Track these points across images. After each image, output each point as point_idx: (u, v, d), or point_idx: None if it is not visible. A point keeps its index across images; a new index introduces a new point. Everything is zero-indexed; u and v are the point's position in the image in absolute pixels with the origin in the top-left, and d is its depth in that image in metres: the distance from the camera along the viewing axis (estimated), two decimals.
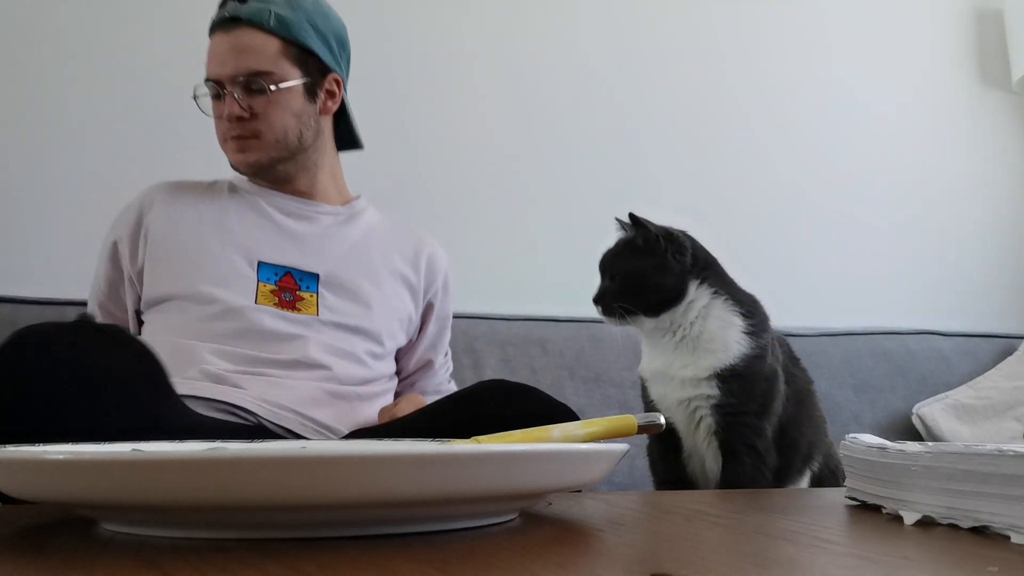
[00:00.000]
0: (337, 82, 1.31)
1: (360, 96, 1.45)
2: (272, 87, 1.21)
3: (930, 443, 0.54)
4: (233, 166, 1.29)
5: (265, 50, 1.21)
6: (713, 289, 1.01)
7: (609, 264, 1.04)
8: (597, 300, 1.03)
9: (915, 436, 1.79)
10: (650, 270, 1.00)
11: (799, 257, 2.10)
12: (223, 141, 1.27)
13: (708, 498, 0.70)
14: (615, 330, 1.05)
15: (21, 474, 0.43)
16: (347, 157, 1.43)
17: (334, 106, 1.32)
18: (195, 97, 1.27)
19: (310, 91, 1.27)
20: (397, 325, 1.30)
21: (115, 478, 0.40)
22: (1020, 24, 2.24)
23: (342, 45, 1.31)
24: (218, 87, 1.23)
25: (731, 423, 0.97)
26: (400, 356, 1.35)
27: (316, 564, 0.37)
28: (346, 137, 1.38)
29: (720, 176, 2.08)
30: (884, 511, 0.54)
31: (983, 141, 2.32)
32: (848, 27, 2.26)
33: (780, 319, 1.09)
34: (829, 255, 2.13)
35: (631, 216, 1.01)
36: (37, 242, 1.59)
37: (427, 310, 1.37)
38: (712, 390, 0.97)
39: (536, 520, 0.52)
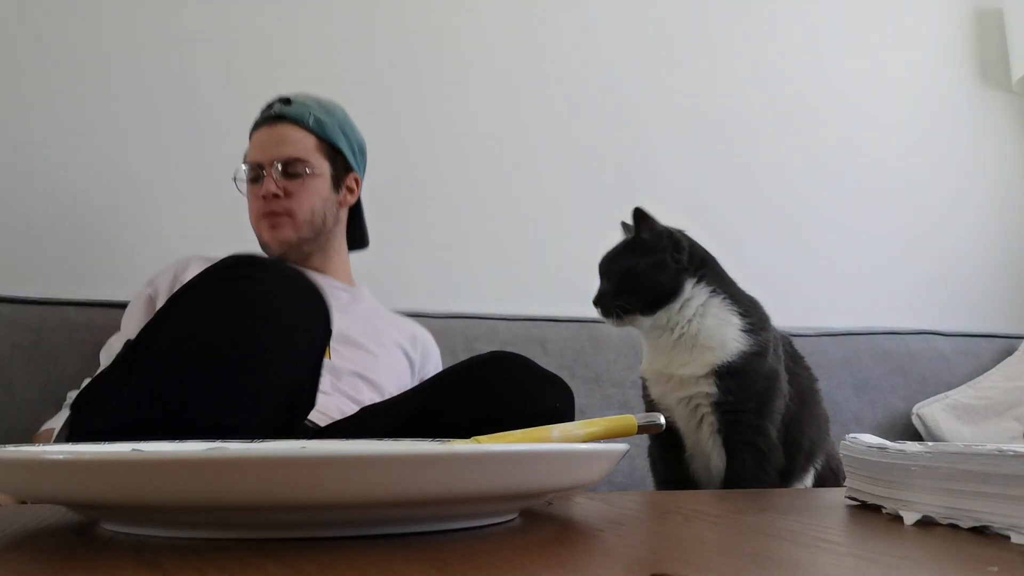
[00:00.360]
0: (356, 181, 1.50)
1: (362, 92, 1.48)
2: (307, 171, 1.40)
3: (930, 443, 0.54)
4: (263, 244, 1.43)
5: (303, 142, 1.42)
6: (711, 288, 1.01)
7: (607, 266, 1.04)
8: (597, 302, 1.03)
9: (915, 436, 1.79)
10: (646, 268, 1.00)
11: (799, 257, 2.10)
12: (256, 220, 1.43)
13: (708, 498, 0.70)
14: (616, 331, 1.05)
15: (21, 474, 0.43)
16: None
17: (352, 200, 1.50)
18: (235, 179, 1.45)
19: (335, 183, 1.45)
20: (396, 387, 1.39)
21: (115, 478, 0.40)
22: (1020, 24, 2.24)
23: (362, 153, 1.52)
24: (258, 170, 1.41)
25: (731, 421, 0.97)
26: None
27: (316, 564, 0.37)
28: (356, 235, 1.56)
29: (720, 177, 2.08)
30: (884, 511, 0.54)
31: (983, 141, 2.32)
32: (848, 27, 2.26)
33: (780, 319, 1.09)
34: (829, 255, 2.13)
35: (636, 210, 1.01)
36: (37, 242, 1.59)
37: None
38: (711, 388, 0.97)
39: (536, 520, 0.52)
